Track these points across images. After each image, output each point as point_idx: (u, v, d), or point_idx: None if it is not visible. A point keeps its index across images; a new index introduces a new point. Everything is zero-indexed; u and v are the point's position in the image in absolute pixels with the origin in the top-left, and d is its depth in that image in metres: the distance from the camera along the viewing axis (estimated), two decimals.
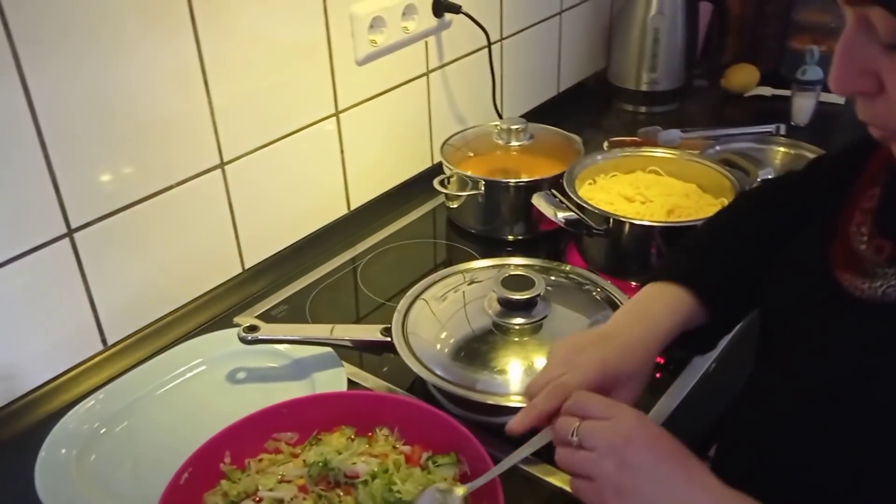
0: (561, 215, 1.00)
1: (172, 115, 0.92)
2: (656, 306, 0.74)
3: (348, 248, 1.17)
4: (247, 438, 0.74)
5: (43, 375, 0.88)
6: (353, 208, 1.22)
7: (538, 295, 0.84)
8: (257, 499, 0.69)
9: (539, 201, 1.03)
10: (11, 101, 0.77)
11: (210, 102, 0.96)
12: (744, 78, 1.62)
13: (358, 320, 1.03)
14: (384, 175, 1.26)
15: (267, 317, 1.02)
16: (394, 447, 0.74)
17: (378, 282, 1.10)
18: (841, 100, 1.50)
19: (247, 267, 1.08)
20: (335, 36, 1.09)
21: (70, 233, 0.86)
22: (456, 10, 1.23)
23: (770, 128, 1.37)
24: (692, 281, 0.74)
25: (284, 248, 1.13)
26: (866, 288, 0.59)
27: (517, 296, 0.83)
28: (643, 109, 1.58)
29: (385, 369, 0.92)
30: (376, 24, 1.13)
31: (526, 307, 0.84)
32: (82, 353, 0.91)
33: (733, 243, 0.78)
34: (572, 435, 0.61)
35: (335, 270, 1.12)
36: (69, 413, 0.84)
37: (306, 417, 0.76)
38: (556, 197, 1.03)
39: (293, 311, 1.04)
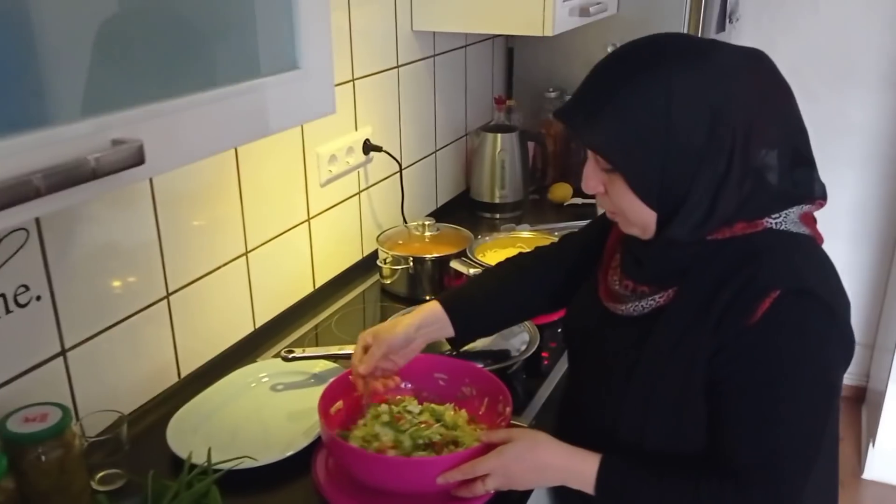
0: (472, 271, 1.57)
1: (217, 215, 1.41)
2: (418, 309, 1.21)
3: (319, 311, 1.66)
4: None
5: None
6: (317, 286, 1.72)
7: None
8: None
9: (457, 264, 1.60)
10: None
11: (243, 209, 1.45)
12: (562, 192, 2.32)
13: None
14: (336, 262, 1.78)
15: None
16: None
17: (347, 331, 1.60)
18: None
19: (257, 326, 1.54)
20: (308, 167, 1.63)
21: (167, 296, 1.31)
22: (378, 149, 1.81)
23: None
24: (441, 300, 1.21)
25: (280, 312, 1.60)
26: (622, 309, 1.04)
27: None
28: (497, 215, 2.21)
29: None
30: (332, 159, 1.69)
31: None
32: (165, 382, 1.34)
33: (476, 285, 1.28)
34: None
35: (316, 327, 1.61)
36: (181, 408, 1.26)
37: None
38: (467, 261, 1.61)
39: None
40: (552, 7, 1.78)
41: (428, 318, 1.19)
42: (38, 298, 1.08)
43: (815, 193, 0.99)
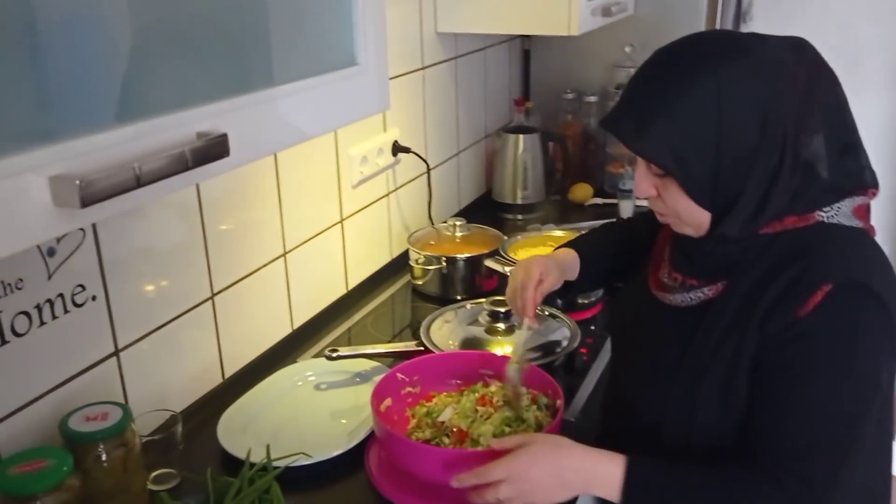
0: (507, 269, 1.57)
1: (256, 217, 1.41)
2: (560, 252, 1.28)
3: (353, 312, 1.67)
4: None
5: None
6: (349, 288, 1.72)
7: (511, 309, 1.40)
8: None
9: (491, 263, 1.60)
10: None
11: (281, 211, 1.46)
12: (583, 193, 2.33)
13: None
14: (368, 263, 1.78)
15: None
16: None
17: (383, 330, 1.60)
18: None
19: (295, 327, 1.55)
20: (342, 169, 1.63)
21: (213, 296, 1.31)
22: (407, 150, 1.82)
23: (612, 220, 2.06)
24: (575, 247, 1.29)
25: (316, 314, 1.60)
26: (670, 299, 1.05)
27: (502, 309, 1.39)
28: (520, 216, 2.22)
29: None
30: (363, 161, 1.69)
31: (506, 316, 1.39)
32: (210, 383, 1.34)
33: (605, 242, 1.33)
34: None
35: (352, 327, 1.61)
36: (229, 408, 1.26)
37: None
38: (502, 259, 1.61)
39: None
40: (578, 7, 1.80)
41: (571, 261, 1.26)
42: (94, 298, 1.08)
43: (866, 182, 1.00)
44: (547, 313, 1.47)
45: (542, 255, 1.25)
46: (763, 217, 0.94)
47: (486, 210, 2.26)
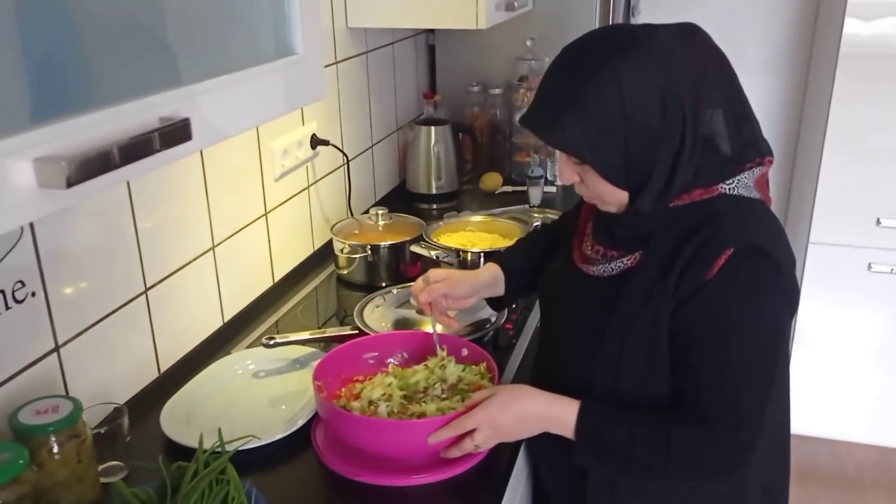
0: (434, 253, 1.64)
1: (187, 211, 1.42)
2: (483, 267, 1.37)
3: (281, 303, 1.69)
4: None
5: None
6: (276, 280, 1.74)
7: None
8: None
9: (417, 248, 1.66)
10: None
11: (209, 205, 1.47)
12: (493, 181, 2.41)
13: None
14: (292, 255, 1.81)
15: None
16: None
17: (314, 319, 1.63)
18: (553, 188, 2.34)
19: (226, 320, 1.56)
20: (264, 162, 1.65)
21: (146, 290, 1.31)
22: (326, 143, 1.85)
23: (523, 206, 2.16)
24: (501, 262, 1.38)
25: (245, 306, 1.62)
26: (594, 270, 1.13)
27: None
28: (434, 206, 2.29)
29: None
30: (284, 153, 1.72)
31: None
32: (147, 377, 1.34)
33: (526, 250, 1.42)
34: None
35: (282, 317, 1.64)
36: (170, 399, 1.27)
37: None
38: (427, 244, 1.67)
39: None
40: (485, 1, 1.88)
41: (491, 280, 1.35)
42: (34, 294, 1.07)
43: (762, 151, 1.10)
44: None
45: (463, 273, 1.36)
46: (672, 191, 1.04)
47: (402, 200, 2.32)
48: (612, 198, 1.07)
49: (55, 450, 0.98)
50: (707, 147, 1.04)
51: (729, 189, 1.07)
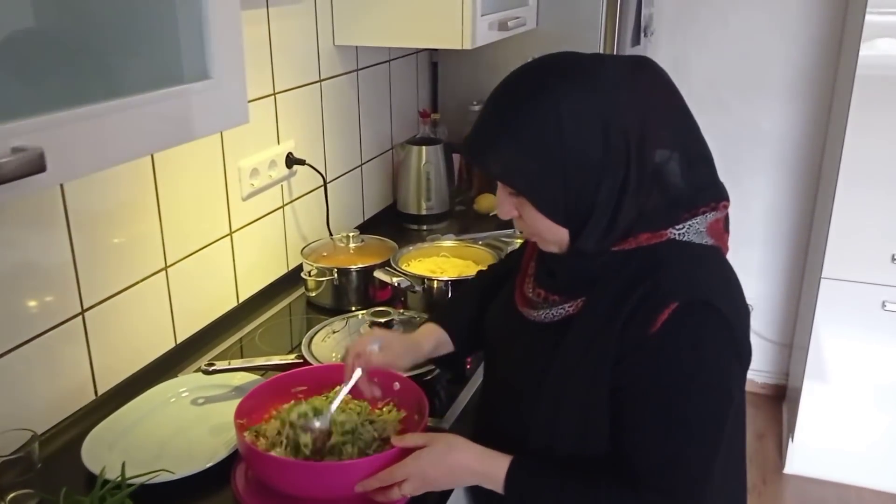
0: (395, 280, 1.59)
1: (134, 231, 1.39)
2: (422, 332, 1.26)
3: (244, 325, 1.65)
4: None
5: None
6: (240, 301, 1.71)
7: (392, 320, 1.41)
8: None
9: (380, 274, 1.61)
10: None
11: (161, 223, 1.44)
12: (487, 203, 2.35)
13: None
14: (261, 276, 1.77)
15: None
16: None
17: (272, 343, 1.59)
18: None
19: (178, 341, 1.53)
20: (230, 181, 1.62)
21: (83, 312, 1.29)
22: (302, 162, 1.82)
23: (511, 230, 2.09)
24: (445, 320, 1.28)
25: (203, 327, 1.58)
26: (535, 315, 1.05)
27: (383, 319, 1.39)
28: (425, 227, 2.23)
29: None
30: (254, 173, 1.68)
31: (387, 325, 1.40)
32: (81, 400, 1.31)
33: (471, 300, 1.30)
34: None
35: (239, 340, 1.60)
36: (99, 425, 1.24)
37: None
38: (391, 270, 1.62)
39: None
40: (471, 21, 1.83)
41: (434, 344, 1.25)
42: None
43: (718, 195, 1.02)
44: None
45: (403, 341, 1.24)
46: (615, 232, 0.97)
47: (391, 221, 2.27)
48: (552, 235, 1.01)
49: None
50: (655, 186, 0.97)
51: (678, 234, 0.99)
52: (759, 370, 3.20)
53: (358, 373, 1.16)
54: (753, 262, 3.07)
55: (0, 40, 0.72)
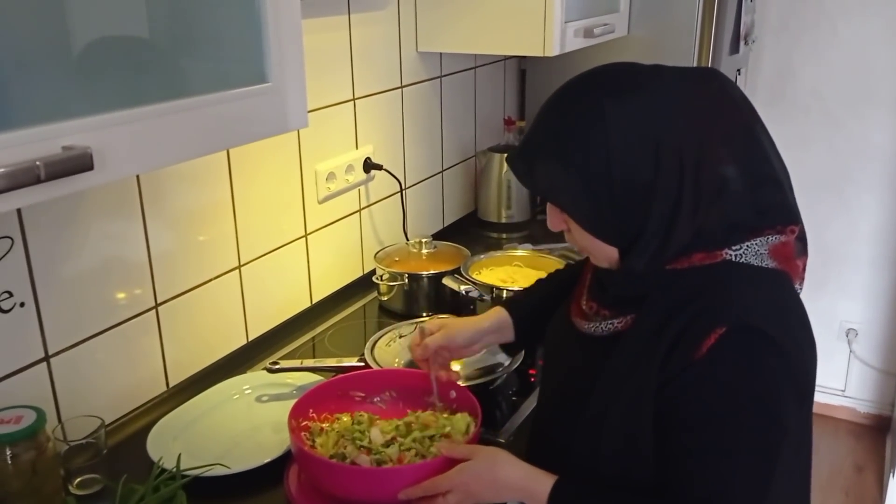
0: (463, 288, 1.57)
1: (209, 229, 1.44)
2: (487, 313, 1.26)
3: (315, 325, 1.68)
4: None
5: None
6: (314, 301, 1.74)
7: None
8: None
9: (448, 281, 1.60)
10: None
11: (236, 224, 1.48)
12: None
13: None
14: (335, 278, 1.80)
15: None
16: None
17: (341, 345, 1.61)
18: None
19: (250, 339, 1.57)
20: (306, 184, 1.66)
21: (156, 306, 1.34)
22: (379, 167, 1.84)
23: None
24: (510, 305, 1.27)
25: (275, 326, 1.62)
26: (586, 327, 1.03)
27: None
28: (504, 235, 2.22)
29: None
30: (330, 177, 1.71)
31: None
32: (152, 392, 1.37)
33: (541, 291, 1.30)
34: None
35: (309, 341, 1.63)
36: (166, 416, 1.29)
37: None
38: (459, 278, 1.61)
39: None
40: (552, 28, 1.80)
41: (496, 325, 1.24)
42: (22, 305, 1.11)
43: (786, 219, 0.95)
44: None
45: (463, 320, 1.26)
46: (667, 252, 0.92)
47: (471, 228, 2.26)
48: (599, 252, 0.97)
49: (13, 460, 1.00)
50: (712, 207, 0.91)
51: (735, 256, 0.93)
52: (862, 399, 2.99)
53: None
54: (858, 284, 2.89)
55: (67, 43, 0.76)
